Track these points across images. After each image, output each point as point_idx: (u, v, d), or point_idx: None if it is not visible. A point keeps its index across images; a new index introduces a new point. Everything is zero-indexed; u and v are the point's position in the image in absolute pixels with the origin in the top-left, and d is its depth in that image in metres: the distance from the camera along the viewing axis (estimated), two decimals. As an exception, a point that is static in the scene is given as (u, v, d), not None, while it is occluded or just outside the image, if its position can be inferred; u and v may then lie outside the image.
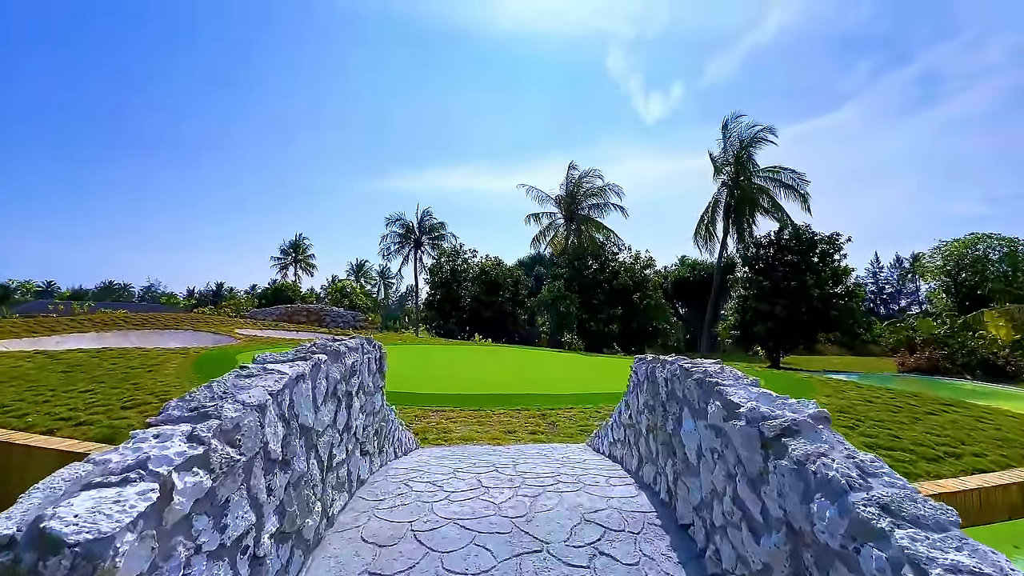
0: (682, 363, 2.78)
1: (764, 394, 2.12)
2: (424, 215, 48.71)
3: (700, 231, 35.77)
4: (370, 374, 3.53)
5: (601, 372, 14.21)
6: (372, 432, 3.56)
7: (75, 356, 12.50)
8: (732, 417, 2.10)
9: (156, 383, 8.85)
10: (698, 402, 2.48)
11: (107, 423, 6.41)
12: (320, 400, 2.54)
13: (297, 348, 2.75)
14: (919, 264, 55.45)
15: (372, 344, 3.65)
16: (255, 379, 2.07)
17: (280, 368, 2.22)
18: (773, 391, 6.57)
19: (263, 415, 1.90)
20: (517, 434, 6.57)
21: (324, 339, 3.09)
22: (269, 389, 2.01)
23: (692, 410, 2.55)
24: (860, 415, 8.50)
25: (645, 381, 3.36)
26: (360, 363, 3.26)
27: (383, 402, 3.90)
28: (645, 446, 3.34)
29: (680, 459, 2.71)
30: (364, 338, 3.55)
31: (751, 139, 32.86)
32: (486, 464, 4.01)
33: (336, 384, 2.79)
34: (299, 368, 2.31)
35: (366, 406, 3.42)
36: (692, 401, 2.55)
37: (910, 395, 10.76)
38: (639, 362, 3.54)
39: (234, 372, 2.15)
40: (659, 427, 3.05)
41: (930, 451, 6.86)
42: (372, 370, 3.60)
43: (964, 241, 38.48)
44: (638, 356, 3.71)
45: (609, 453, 4.45)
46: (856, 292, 28.93)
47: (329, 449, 2.66)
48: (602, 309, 31.81)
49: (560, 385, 10.73)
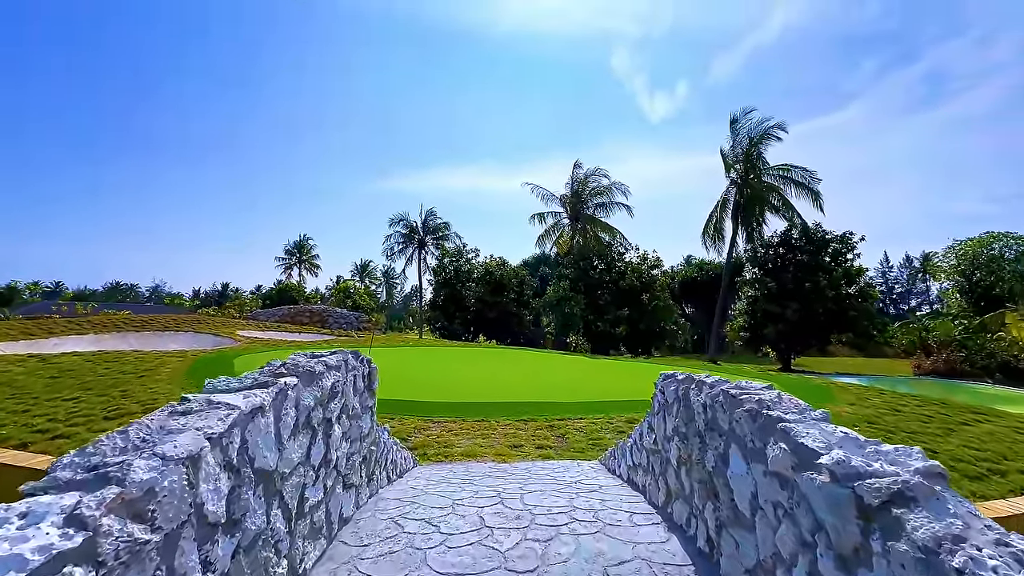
0: (726, 387, 2.30)
1: (848, 438, 1.64)
2: (428, 215, 48.33)
3: (708, 230, 35.10)
4: (356, 394, 3.08)
5: (609, 377, 13.71)
6: (359, 460, 3.11)
7: (68, 360, 12.17)
8: (806, 467, 1.63)
9: (146, 390, 8.46)
10: (752, 439, 2.00)
11: (85, 436, 6.01)
12: (287, 435, 2.08)
13: (263, 368, 2.30)
14: (931, 264, 54.47)
15: (359, 359, 3.19)
16: (192, 418, 1.61)
17: (229, 400, 1.77)
18: None
19: (195, 469, 1.44)
20: (524, 448, 6.10)
21: (300, 357, 2.63)
22: (209, 432, 1.55)
23: (743, 448, 2.07)
24: (890, 426, 7.97)
25: (675, 404, 2.88)
26: (343, 383, 2.80)
27: (373, 423, 3.45)
28: (675, 479, 2.86)
29: (725, 505, 2.23)
30: (349, 352, 3.10)
31: (761, 136, 32.17)
32: (490, 493, 3.54)
33: (310, 412, 2.33)
34: (256, 399, 1.85)
35: (351, 431, 2.96)
36: (742, 437, 2.07)
37: (938, 403, 10.19)
38: (667, 380, 3.06)
39: (168, 408, 1.69)
40: (694, 461, 2.57)
41: (972, 468, 6.33)
42: (359, 389, 3.15)
43: (979, 240, 37.58)
44: (664, 373, 3.23)
45: (628, 478, 3.97)
46: (870, 293, 28.20)
47: (300, 492, 2.21)
48: (608, 310, 31.25)
49: (567, 391, 10.24)
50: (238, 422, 1.72)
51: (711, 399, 2.39)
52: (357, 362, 3.14)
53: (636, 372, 15.06)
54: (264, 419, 1.89)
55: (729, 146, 33.34)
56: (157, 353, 14.24)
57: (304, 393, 2.28)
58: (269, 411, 1.94)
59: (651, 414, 3.46)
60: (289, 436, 2.11)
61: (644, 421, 3.64)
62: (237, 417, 1.71)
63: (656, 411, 3.29)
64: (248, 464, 1.77)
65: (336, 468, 2.71)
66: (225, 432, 1.63)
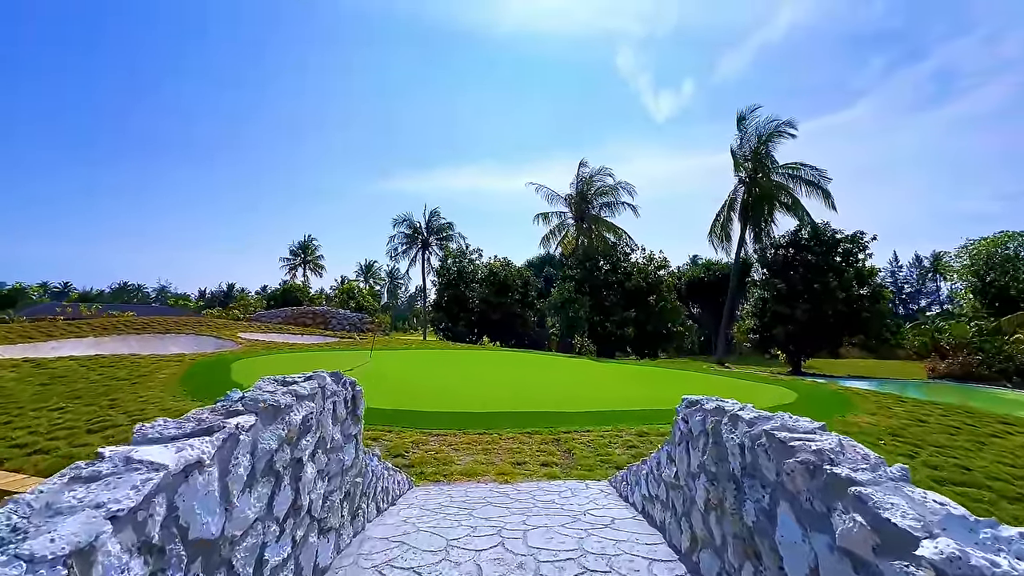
0: (769, 427, 1.91)
1: (952, 515, 1.25)
2: (432, 215, 48.09)
3: (715, 230, 34.54)
4: (336, 423, 2.71)
5: (617, 382, 13.30)
6: (340, 498, 2.74)
7: (63, 365, 11.93)
8: (895, 552, 1.24)
9: (136, 399, 8.16)
10: (810, 500, 1.61)
11: (64, 451, 5.70)
12: (238, 489, 1.72)
13: (217, 404, 1.94)
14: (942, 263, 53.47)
15: (340, 381, 2.83)
16: (96, 487, 1.25)
17: (154, 457, 1.40)
18: (806, 407, 5.39)
19: (86, 565, 1.08)
20: (528, 466, 5.72)
21: (267, 385, 2.27)
22: (114, 509, 1.18)
23: (797, 509, 1.68)
24: (916, 439, 7.52)
25: (703, 438, 2.50)
26: (318, 413, 2.44)
27: (358, 452, 3.08)
28: (702, 524, 2.48)
29: (771, 570, 1.84)
30: (329, 374, 2.73)
31: (770, 134, 31.59)
32: (490, 529, 3.17)
33: (272, 455, 1.96)
34: (192, 452, 1.49)
35: (330, 467, 2.60)
36: (796, 495, 1.68)
37: (963, 412, 9.71)
38: (692, 409, 2.67)
39: (70, 471, 1.33)
40: (728, 510, 2.18)
41: (1010, 488, 5.88)
42: (340, 416, 2.78)
43: (992, 240, 36.71)
44: (687, 398, 2.85)
45: (643, 508, 3.58)
46: (883, 294, 27.56)
47: (258, 554, 1.84)
48: (615, 311, 30.78)
49: (573, 399, 9.85)
50: (163, 487, 1.35)
51: (751, 440, 2.00)
52: (338, 386, 2.78)
53: (644, 377, 14.64)
54: (203, 476, 1.52)
55: (737, 144, 32.80)
56: (155, 357, 13.99)
57: (265, 434, 1.91)
58: (212, 464, 1.57)
59: (671, 443, 3.08)
60: (242, 490, 1.74)
61: (662, 449, 3.25)
62: (162, 480, 1.34)
63: (678, 441, 2.90)
64: (179, 537, 1.41)
65: (310, 513, 2.34)
66: (142, 504, 1.26)
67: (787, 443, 1.77)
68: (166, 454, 1.44)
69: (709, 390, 12.15)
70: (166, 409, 7.32)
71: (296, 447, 2.19)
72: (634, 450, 6.34)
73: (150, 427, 1.65)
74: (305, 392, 2.30)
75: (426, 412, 7.98)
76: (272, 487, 1.97)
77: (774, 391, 11.67)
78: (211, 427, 1.66)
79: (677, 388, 12.53)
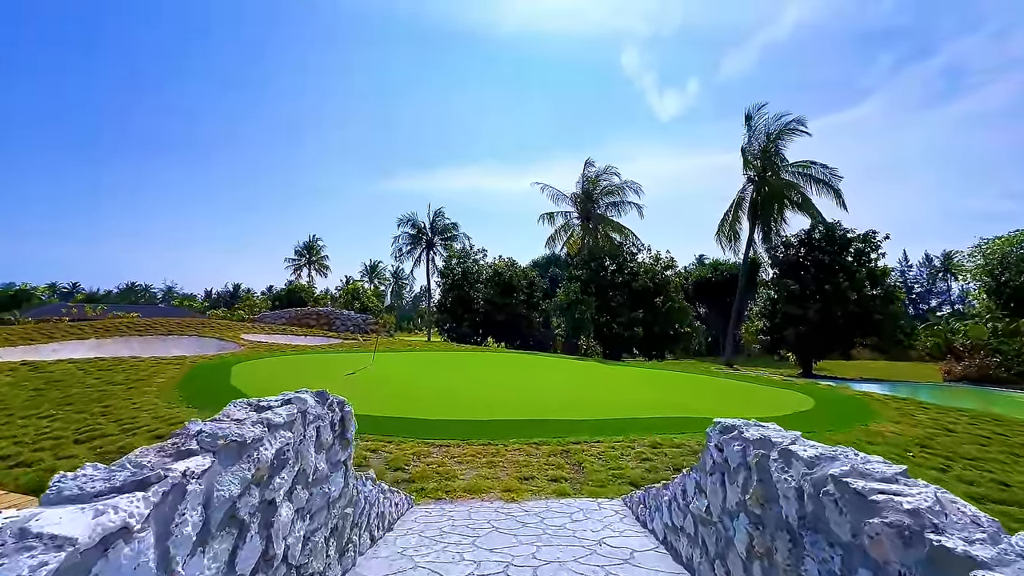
0: (837, 471, 1.56)
1: None
2: (436, 215, 47.80)
3: (723, 229, 34.00)
4: (321, 451, 2.38)
5: (625, 386, 12.92)
6: (325, 535, 2.42)
7: (61, 368, 11.72)
8: None
9: (129, 406, 7.89)
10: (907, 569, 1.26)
11: (48, 464, 5.42)
12: (185, 553, 1.39)
13: (166, 443, 1.61)
14: (956, 263, 52.50)
15: (326, 403, 2.50)
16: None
17: (61, 529, 1.07)
18: (826, 414, 4.77)
19: None
20: (535, 480, 5.37)
21: (235, 412, 1.94)
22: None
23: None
24: (946, 450, 7.10)
25: (743, 472, 2.14)
26: (297, 443, 2.11)
27: (347, 480, 2.75)
28: (743, 573, 2.13)
29: (842, 651, 1.49)
30: (313, 395, 2.40)
31: (780, 132, 31.04)
32: (495, 562, 2.84)
33: (235, 501, 1.64)
34: (116, 517, 1.16)
35: (312, 503, 2.27)
36: (884, 565, 1.33)
37: (991, 419, 9.27)
38: (728, 437, 2.32)
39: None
40: (780, 564, 1.83)
41: (1054, 506, 5.46)
42: (325, 443, 2.45)
43: (1008, 239, 35.88)
44: (721, 423, 2.49)
45: (665, 538, 3.23)
46: (896, 295, 26.95)
47: (213, 626, 1.51)
48: (621, 312, 30.35)
49: (582, 405, 9.49)
50: (68, 571, 1.03)
51: (813, 486, 1.65)
52: (323, 408, 2.45)
53: (653, 381, 14.25)
54: (132, 546, 1.19)
55: (746, 142, 32.26)
56: (154, 360, 13.77)
57: (225, 478, 1.59)
58: (145, 528, 1.24)
59: (700, 470, 2.73)
60: (191, 553, 1.41)
61: (689, 476, 2.90)
62: (65, 563, 1.02)
63: (709, 470, 2.55)
64: (91, 634, 1.08)
65: (286, 561, 2.02)
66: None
67: (866, 496, 1.42)
68: (78, 522, 1.11)
69: (721, 395, 11.75)
70: (158, 417, 7.05)
71: (267, 487, 1.86)
72: (648, 463, 5.98)
73: (72, 478, 1.32)
74: (280, 420, 1.97)
75: (428, 420, 7.66)
76: (235, 540, 1.64)
77: (790, 397, 11.25)
78: (147, 479, 1.33)
79: (688, 393, 12.14)
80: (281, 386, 8.97)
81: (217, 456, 1.58)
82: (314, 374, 12.72)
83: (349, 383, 11.33)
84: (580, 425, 7.66)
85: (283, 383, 11.49)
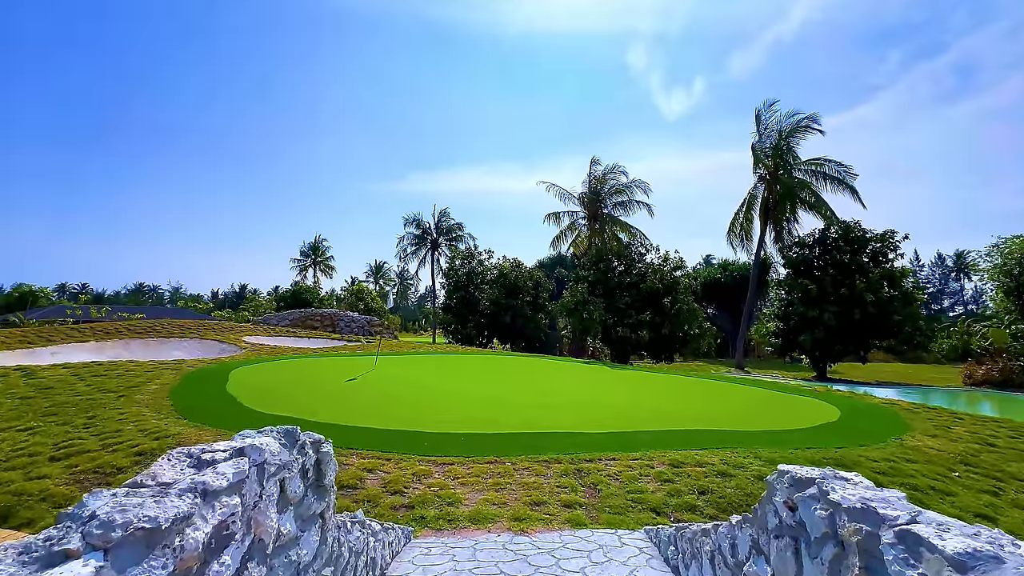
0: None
1: None
2: (441, 216, 47.46)
3: (735, 229, 33.35)
4: (286, 509, 1.90)
5: (637, 393, 12.37)
6: (293, 613, 1.93)
7: (53, 374, 11.37)
8: None
9: (116, 416, 7.48)
10: None
11: (17, 486, 4.99)
12: None
13: (34, 539, 1.13)
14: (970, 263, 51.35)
15: (296, 444, 2.01)
16: None
17: None
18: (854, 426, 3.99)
19: None
20: (547, 506, 4.87)
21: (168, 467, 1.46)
22: None
23: None
24: (994, 468, 6.52)
25: (828, 544, 1.64)
26: (250, 507, 1.63)
27: (325, 535, 2.27)
28: None
29: None
30: (278, 435, 1.92)
31: (792, 129, 30.32)
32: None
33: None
34: None
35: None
36: None
37: (1033, 432, 8.64)
38: (804, 495, 1.81)
39: None
40: None
41: None
42: (294, 496, 1.96)
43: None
44: (787, 471, 1.99)
45: (704, 595, 2.72)
46: (915, 296, 26.13)
47: None
48: (629, 314, 29.73)
49: (594, 416, 8.97)
50: None
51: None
52: (292, 452, 1.96)
53: (666, 387, 13.69)
54: None
55: (757, 140, 31.58)
56: (151, 364, 13.41)
57: (121, 586, 1.10)
58: None
59: (755, 525, 2.22)
60: None
61: (741, 530, 2.40)
62: None
63: (771, 528, 2.05)
64: None
65: (232, 666, 1.53)
66: None
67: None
68: None
69: (738, 403, 11.16)
70: (144, 431, 6.61)
71: (199, 580, 1.38)
72: (669, 485, 5.46)
73: None
74: (223, 483, 1.49)
75: (430, 433, 7.18)
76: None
77: (813, 406, 10.65)
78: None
79: (703, 400, 11.58)
80: (277, 394, 8.47)
81: (111, 556, 1.10)
82: (312, 380, 12.29)
83: (348, 390, 10.89)
84: (593, 439, 7.15)
85: (280, 391, 11.06)
